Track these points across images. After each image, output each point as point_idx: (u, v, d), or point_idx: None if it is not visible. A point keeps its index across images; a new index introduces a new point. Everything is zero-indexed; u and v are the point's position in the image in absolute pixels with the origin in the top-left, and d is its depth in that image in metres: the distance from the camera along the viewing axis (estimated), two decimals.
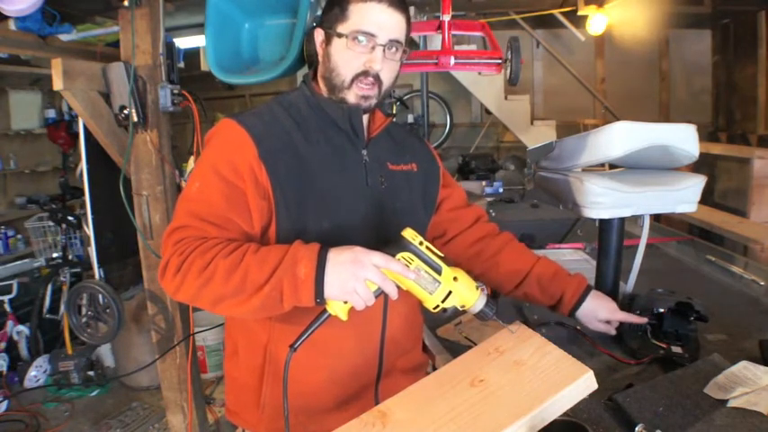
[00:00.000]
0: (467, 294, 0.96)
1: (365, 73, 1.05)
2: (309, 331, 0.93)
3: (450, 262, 0.98)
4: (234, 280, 0.90)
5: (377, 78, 1.07)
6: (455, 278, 0.95)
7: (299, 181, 1.03)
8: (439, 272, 0.94)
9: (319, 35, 1.11)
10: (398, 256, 0.93)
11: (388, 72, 1.08)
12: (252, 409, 1.13)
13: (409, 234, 0.94)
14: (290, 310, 0.93)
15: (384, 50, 1.05)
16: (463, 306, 0.97)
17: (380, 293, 0.92)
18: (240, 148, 1.01)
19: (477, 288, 0.98)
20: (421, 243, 0.94)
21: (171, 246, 0.97)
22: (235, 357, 1.16)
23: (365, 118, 1.14)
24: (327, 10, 1.09)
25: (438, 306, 0.95)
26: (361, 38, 1.04)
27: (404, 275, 0.91)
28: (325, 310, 0.92)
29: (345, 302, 0.91)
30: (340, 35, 1.05)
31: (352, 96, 1.08)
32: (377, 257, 0.89)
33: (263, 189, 1.01)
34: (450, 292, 0.95)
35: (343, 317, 0.91)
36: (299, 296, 0.89)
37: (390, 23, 1.05)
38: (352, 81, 1.06)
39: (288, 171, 1.03)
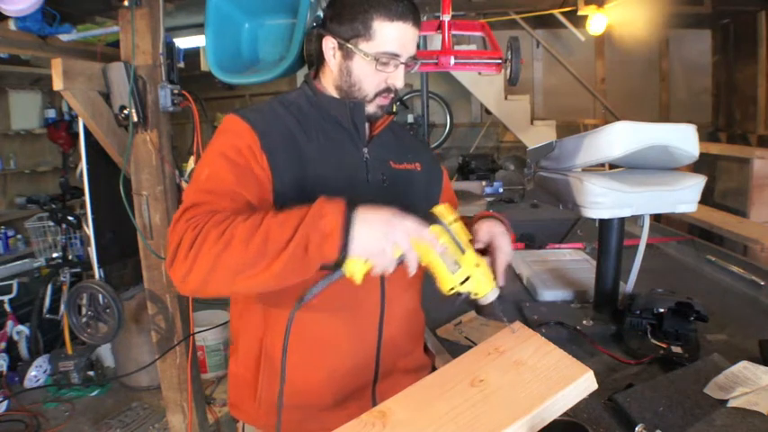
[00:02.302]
0: (483, 284, 0.95)
1: (387, 89, 1.10)
2: (319, 287, 0.89)
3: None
4: (255, 242, 0.86)
5: (394, 90, 1.11)
6: (477, 264, 0.94)
7: (298, 174, 1.03)
8: (463, 254, 0.93)
9: (330, 43, 1.09)
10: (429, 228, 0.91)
11: (402, 82, 1.11)
12: (250, 402, 1.14)
13: (442, 211, 0.93)
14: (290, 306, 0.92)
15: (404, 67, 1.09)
16: (476, 294, 0.96)
17: (401, 262, 0.88)
18: (244, 138, 1.03)
19: (494, 281, 0.97)
20: (453, 222, 0.93)
21: (183, 223, 0.93)
22: (236, 352, 1.18)
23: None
24: (344, 20, 1.07)
25: (454, 288, 0.93)
26: (386, 59, 1.06)
27: (433, 247, 0.89)
28: (338, 269, 0.88)
29: (365, 262, 0.87)
30: (365, 54, 1.05)
31: (371, 108, 1.11)
32: (410, 222, 0.87)
33: (265, 178, 1.02)
34: (468, 277, 0.94)
35: (358, 279, 0.88)
36: (324, 249, 0.84)
37: (411, 41, 1.08)
38: (374, 97, 1.10)
39: (288, 163, 1.03)
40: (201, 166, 1.04)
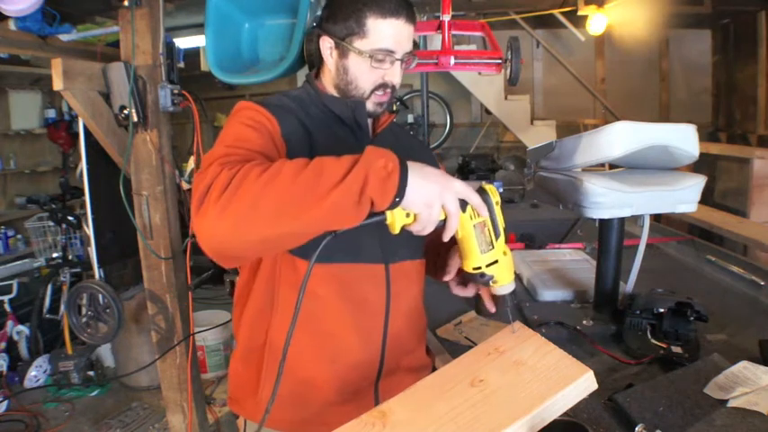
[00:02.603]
0: (506, 273, 0.96)
1: (383, 85, 1.09)
2: (360, 223, 0.84)
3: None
4: (306, 175, 0.79)
5: (392, 87, 1.11)
6: (505, 252, 0.95)
7: None
8: (497, 237, 0.93)
9: (327, 42, 1.10)
10: None
11: (399, 79, 1.11)
12: (252, 397, 1.14)
13: (490, 189, 0.92)
14: (288, 301, 0.90)
15: (400, 63, 1.09)
16: (496, 282, 0.96)
17: (441, 226, 0.87)
18: (267, 118, 1.02)
19: (514, 274, 0.98)
20: (497, 203, 0.93)
21: (216, 166, 0.85)
22: (238, 348, 1.18)
23: None
24: (338, 20, 1.07)
25: (480, 268, 0.93)
26: (381, 56, 1.06)
27: (479, 211, 0.88)
28: (382, 213, 0.85)
29: (408, 216, 0.85)
30: (360, 52, 1.06)
31: (369, 105, 1.11)
32: (459, 183, 0.86)
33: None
34: (496, 261, 0.94)
35: (395, 230, 0.85)
36: (386, 188, 0.79)
37: (406, 37, 1.08)
38: (371, 93, 1.10)
39: (303, 155, 1.03)
40: (224, 136, 1.00)
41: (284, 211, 0.79)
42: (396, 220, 0.84)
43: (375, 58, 1.06)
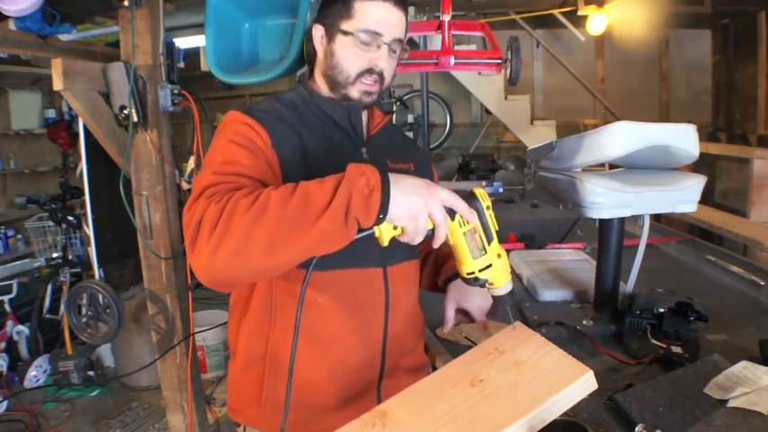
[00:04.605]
0: (501, 275, 0.96)
1: (370, 71, 1.08)
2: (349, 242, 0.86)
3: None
4: (294, 204, 0.80)
5: (380, 75, 1.09)
6: (499, 255, 0.94)
7: (303, 173, 1.02)
8: (490, 242, 0.93)
9: (318, 31, 1.11)
10: None
11: (389, 70, 1.10)
12: (254, 405, 1.13)
13: (480, 193, 0.92)
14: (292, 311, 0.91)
15: (388, 49, 1.07)
16: (491, 284, 0.96)
17: (431, 235, 0.87)
18: (257, 131, 1.01)
19: (510, 274, 0.98)
20: (488, 207, 0.92)
21: (203, 201, 0.87)
22: (237, 356, 1.17)
23: (364, 115, 1.17)
24: (328, 6, 1.09)
25: (473, 273, 0.94)
26: (367, 37, 1.05)
27: (467, 218, 0.88)
28: (370, 228, 0.85)
29: (395, 228, 0.86)
30: (345, 33, 1.05)
31: (355, 92, 1.10)
32: (444, 192, 0.86)
33: (277, 175, 1.01)
34: (490, 265, 0.94)
35: (384, 243, 0.86)
36: (369, 207, 0.81)
37: (394, 22, 1.07)
38: (357, 78, 1.08)
39: (295, 162, 1.03)
40: (213, 155, 1.00)
41: (275, 244, 0.81)
42: (384, 233, 0.85)
43: (361, 39, 1.05)
